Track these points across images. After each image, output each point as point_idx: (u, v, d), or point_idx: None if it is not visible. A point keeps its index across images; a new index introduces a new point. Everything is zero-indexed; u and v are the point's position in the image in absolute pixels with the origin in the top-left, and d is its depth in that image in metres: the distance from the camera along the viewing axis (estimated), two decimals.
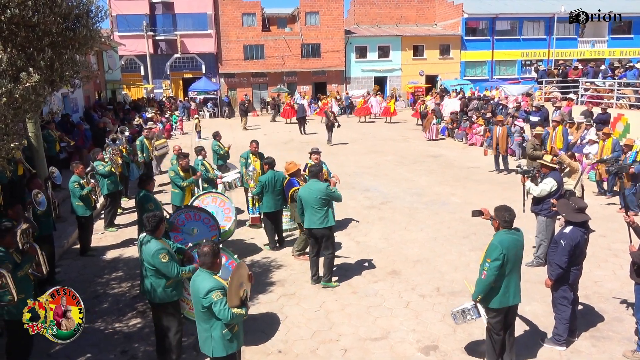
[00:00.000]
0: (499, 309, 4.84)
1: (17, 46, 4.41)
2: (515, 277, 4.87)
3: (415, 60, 38.50)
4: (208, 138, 22.84)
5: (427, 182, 13.29)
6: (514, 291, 4.86)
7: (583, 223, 5.33)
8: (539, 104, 16.88)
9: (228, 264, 5.87)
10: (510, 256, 4.75)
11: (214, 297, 3.97)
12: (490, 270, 4.72)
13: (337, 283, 7.15)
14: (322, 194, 6.85)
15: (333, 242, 7.20)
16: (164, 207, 7.81)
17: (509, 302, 4.84)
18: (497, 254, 4.71)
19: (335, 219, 7.19)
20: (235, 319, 4.05)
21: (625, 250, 8.01)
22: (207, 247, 4.21)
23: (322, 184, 6.98)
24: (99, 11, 5.24)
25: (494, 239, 4.86)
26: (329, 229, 6.98)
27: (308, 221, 7.01)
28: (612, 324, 5.94)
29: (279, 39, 36.78)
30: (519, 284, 4.92)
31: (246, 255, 8.29)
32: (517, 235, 4.87)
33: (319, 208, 6.88)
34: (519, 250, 4.86)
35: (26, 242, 5.08)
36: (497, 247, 4.74)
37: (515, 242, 4.82)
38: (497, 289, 4.80)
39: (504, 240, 4.78)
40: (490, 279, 4.73)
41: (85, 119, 19.17)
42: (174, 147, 11.60)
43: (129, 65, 35.46)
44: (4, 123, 4.46)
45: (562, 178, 7.65)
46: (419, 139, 21.33)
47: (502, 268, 4.73)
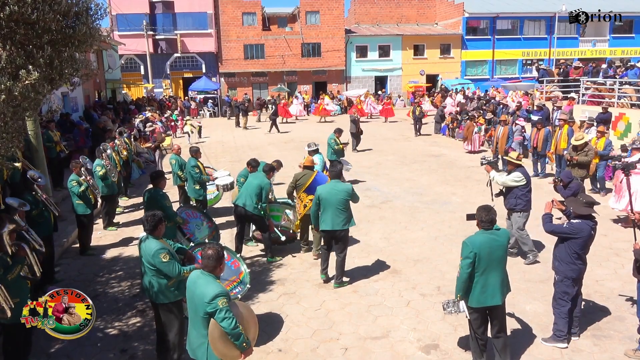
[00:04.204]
0: (476, 307, 4.84)
1: (16, 44, 4.38)
2: (494, 277, 4.78)
3: (416, 59, 38.50)
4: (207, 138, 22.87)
5: (427, 182, 13.27)
6: (492, 291, 4.78)
7: (591, 217, 5.33)
8: (540, 103, 16.85)
9: (230, 263, 5.86)
10: (483, 255, 4.72)
11: (220, 304, 3.81)
12: (462, 269, 4.78)
13: (347, 280, 7.12)
14: (347, 195, 6.76)
15: (347, 242, 7.13)
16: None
17: (486, 301, 4.79)
18: (466, 252, 4.76)
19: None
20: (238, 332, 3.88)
21: (626, 249, 8.02)
22: (212, 250, 4.06)
23: (347, 185, 6.87)
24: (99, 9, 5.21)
25: (467, 238, 4.90)
26: (347, 231, 6.94)
27: (331, 222, 6.77)
28: (613, 323, 5.92)
29: (279, 39, 36.78)
30: (499, 285, 4.81)
31: (246, 254, 8.27)
32: (495, 236, 4.80)
33: (343, 210, 6.77)
34: (496, 251, 4.76)
35: (15, 243, 4.93)
36: (467, 245, 4.79)
37: (491, 241, 4.76)
38: (473, 288, 4.80)
39: (475, 239, 4.79)
40: (464, 276, 4.77)
41: (85, 118, 19.17)
42: (173, 146, 11.59)
43: (129, 65, 35.47)
44: (3, 121, 4.43)
45: (529, 174, 7.71)
46: (419, 138, 21.31)
47: (474, 266, 4.73)
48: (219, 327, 3.85)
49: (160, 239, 4.93)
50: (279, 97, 34.44)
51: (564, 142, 12.10)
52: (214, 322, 3.87)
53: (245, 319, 4.08)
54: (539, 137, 13.04)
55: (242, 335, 3.87)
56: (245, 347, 3.93)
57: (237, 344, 3.88)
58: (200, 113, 32.95)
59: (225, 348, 3.92)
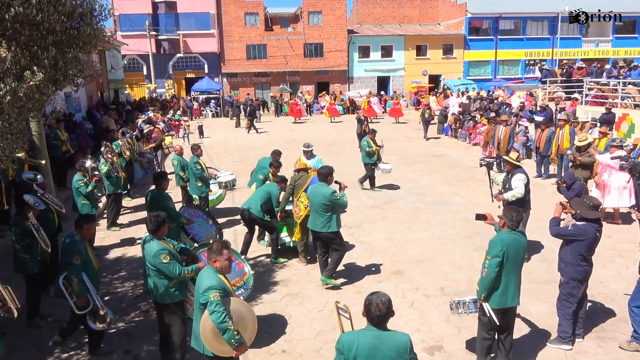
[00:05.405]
0: (496, 309, 4.84)
1: (21, 45, 4.39)
2: (515, 278, 4.84)
3: (418, 59, 38.45)
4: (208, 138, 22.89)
5: (430, 182, 13.25)
6: (513, 293, 4.84)
7: (597, 220, 5.33)
8: (543, 104, 16.81)
9: (235, 264, 5.85)
10: (510, 255, 4.74)
11: (211, 297, 3.89)
12: (491, 267, 4.74)
13: (339, 281, 7.08)
14: (326, 199, 6.68)
15: (341, 242, 7.08)
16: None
17: (507, 303, 4.83)
18: (497, 251, 4.73)
19: (339, 225, 6.95)
20: (226, 327, 3.89)
21: (630, 250, 8.00)
22: (215, 245, 4.19)
23: (327, 189, 6.74)
24: (103, 10, 5.22)
25: (495, 236, 4.89)
26: (332, 234, 6.86)
27: (311, 223, 6.97)
28: (617, 324, 5.90)
29: (281, 39, 36.79)
30: (518, 286, 4.89)
31: (250, 254, 8.27)
32: (519, 237, 4.87)
33: (322, 212, 6.76)
34: (520, 251, 4.84)
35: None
36: (497, 243, 4.76)
37: (517, 242, 4.81)
38: (496, 289, 4.79)
39: (504, 238, 4.79)
40: (491, 275, 4.74)
41: (88, 118, 19.21)
42: (175, 146, 11.59)
43: (131, 65, 35.52)
44: (7, 122, 4.44)
45: (527, 173, 7.72)
46: (421, 138, 21.28)
47: (502, 265, 4.73)
48: (211, 320, 3.91)
49: (163, 239, 4.93)
50: (281, 97, 34.50)
51: (567, 142, 12.07)
52: (206, 314, 3.94)
53: (243, 317, 4.10)
54: (542, 137, 13.02)
55: (229, 330, 3.88)
56: (235, 344, 3.95)
57: (226, 338, 3.91)
58: (202, 113, 32.98)
59: (215, 342, 3.97)
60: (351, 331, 3.68)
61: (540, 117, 15.52)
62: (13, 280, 6.18)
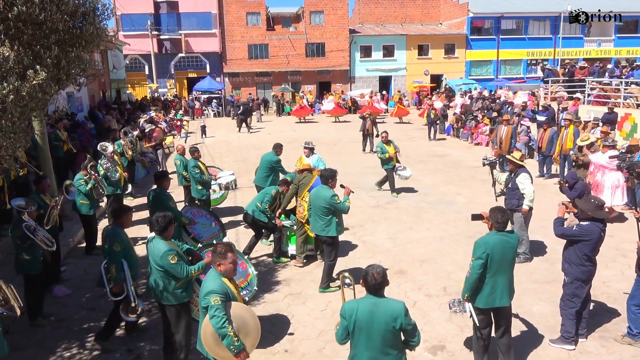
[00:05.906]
0: (483, 308, 4.82)
1: (23, 44, 4.39)
2: (503, 278, 4.76)
3: (420, 59, 38.42)
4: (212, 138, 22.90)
5: (432, 182, 13.24)
6: (501, 293, 4.77)
7: (601, 219, 5.32)
8: (545, 104, 16.78)
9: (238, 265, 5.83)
10: (496, 256, 4.68)
11: (212, 301, 3.87)
12: (473, 269, 4.71)
13: (337, 288, 6.82)
14: (326, 202, 6.61)
15: (335, 250, 6.89)
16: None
17: (495, 303, 4.78)
18: (479, 253, 4.70)
19: (339, 229, 6.81)
20: (225, 332, 3.86)
21: (633, 250, 7.96)
22: (219, 246, 4.16)
23: (328, 193, 6.65)
24: (105, 9, 5.21)
25: (480, 238, 4.83)
26: (330, 238, 6.76)
27: (312, 225, 6.96)
28: (621, 324, 5.88)
29: (283, 38, 36.79)
30: (508, 287, 4.81)
31: (253, 254, 8.26)
32: (507, 237, 4.77)
33: (322, 215, 6.70)
34: (507, 252, 4.74)
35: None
36: (481, 245, 4.72)
37: (503, 243, 4.73)
38: (482, 289, 4.76)
39: (489, 240, 4.73)
40: (474, 277, 4.71)
41: (90, 118, 19.23)
42: (177, 146, 11.60)
43: (133, 65, 35.57)
44: (10, 121, 4.44)
45: (530, 172, 7.78)
46: (424, 138, 21.26)
47: (486, 267, 4.69)
48: (211, 324, 3.90)
49: (169, 240, 4.93)
50: (282, 97, 34.51)
51: (570, 142, 12.05)
52: (207, 319, 3.93)
53: (246, 323, 4.08)
54: (545, 137, 12.99)
55: (228, 336, 3.86)
56: (235, 351, 3.92)
57: (225, 344, 3.90)
58: (204, 113, 33.00)
59: (216, 347, 3.96)
60: (353, 299, 3.99)
61: (543, 117, 15.48)
62: (15, 279, 6.18)
